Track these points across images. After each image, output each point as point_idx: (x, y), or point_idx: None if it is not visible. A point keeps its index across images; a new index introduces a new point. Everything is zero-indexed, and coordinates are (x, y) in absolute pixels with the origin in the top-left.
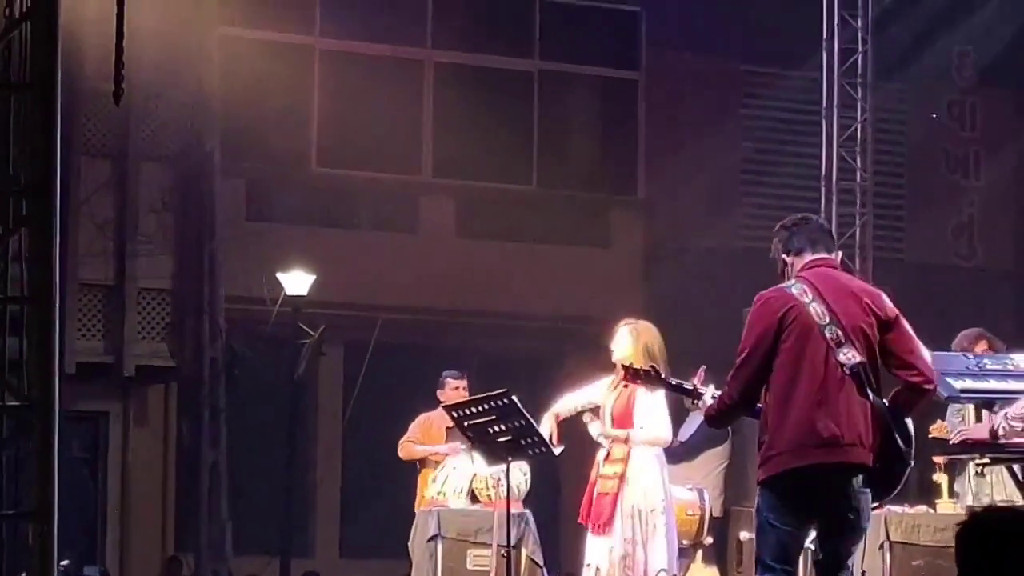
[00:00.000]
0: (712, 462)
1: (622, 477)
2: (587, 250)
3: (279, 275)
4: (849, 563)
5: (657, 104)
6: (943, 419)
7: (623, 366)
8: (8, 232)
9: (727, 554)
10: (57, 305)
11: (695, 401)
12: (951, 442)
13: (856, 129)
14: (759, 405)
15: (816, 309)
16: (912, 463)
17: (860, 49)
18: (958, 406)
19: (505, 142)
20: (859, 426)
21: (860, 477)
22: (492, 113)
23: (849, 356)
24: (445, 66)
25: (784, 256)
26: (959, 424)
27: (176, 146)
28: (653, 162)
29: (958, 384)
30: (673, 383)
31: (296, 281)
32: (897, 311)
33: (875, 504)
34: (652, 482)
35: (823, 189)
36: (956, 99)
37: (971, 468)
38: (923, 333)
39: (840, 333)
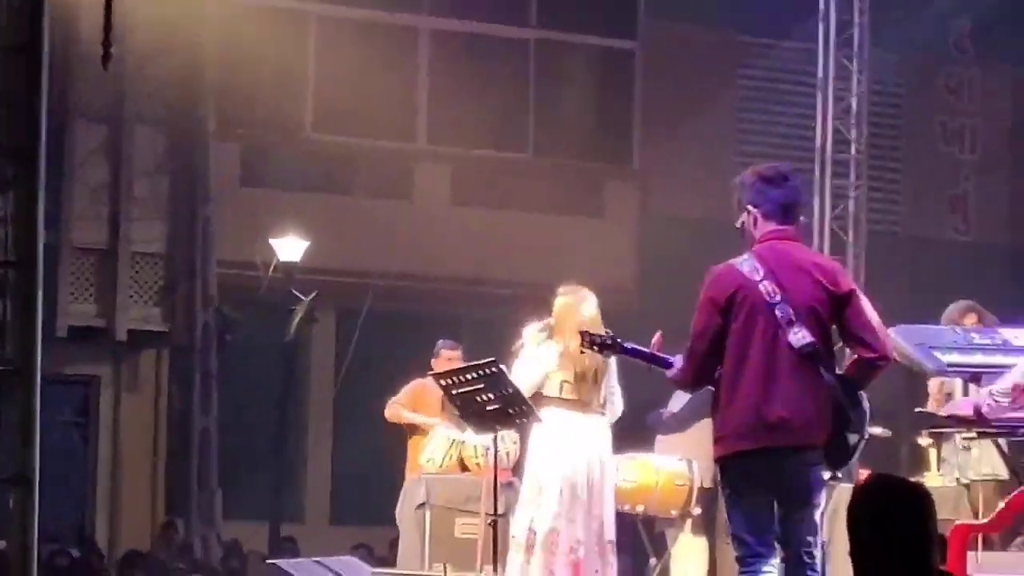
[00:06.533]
0: (702, 433)
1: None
2: (582, 219)
3: (272, 240)
4: (809, 538)
5: (653, 74)
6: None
7: (580, 332)
8: None
9: (716, 525)
10: (41, 269)
11: (650, 367)
12: (941, 414)
13: (851, 101)
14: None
15: (767, 287)
16: (866, 436)
17: (856, 20)
18: (947, 382)
19: (501, 110)
20: (808, 407)
21: (810, 455)
22: (488, 81)
23: (800, 336)
24: (441, 33)
25: (751, 207)
26: (945, 400)
27: (170, 110)
28: (649, 132)
29: (945, 358)
30: (630, 348)
31: (289, 247)
32: (853, 286)
33: (828, 476)
34: None
35: (817, 161)
36: (953, 71)
37: (958, 441)
38: (917, 306)
39: (791, 311)
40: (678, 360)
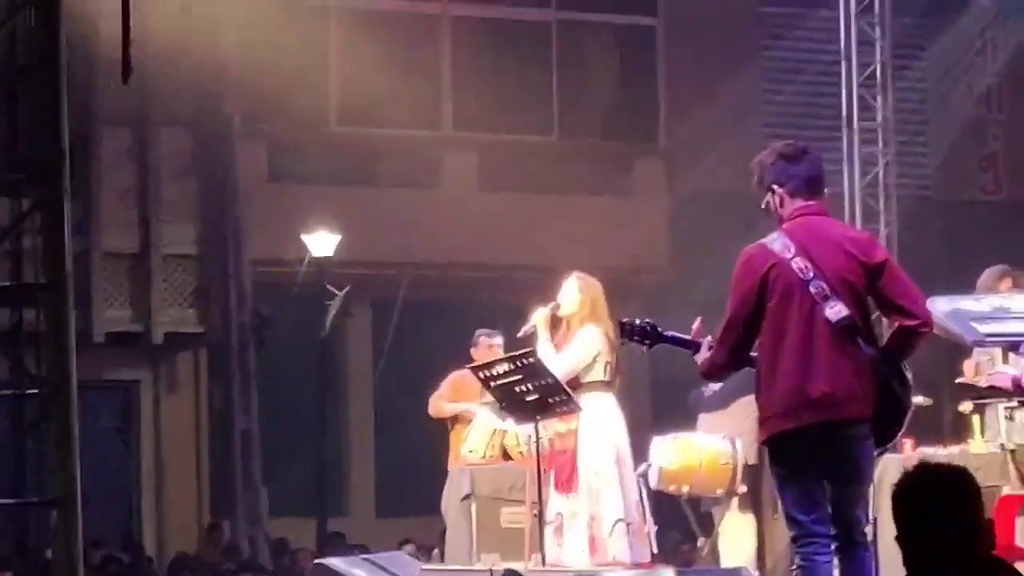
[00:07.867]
0: (746, 409)
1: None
2: (611, 199)
3: (304, 236)
4: (859, 513)
5: (676, 49)
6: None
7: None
8: (21, 217)
9: (762, 501)
10: (71, 291)
11: (693, 354)
12: (981, 384)
13: (875, 69)
14: (753, 355)
15: (799, 264)
16: (911, 407)
17: None
18: (986, 350)
19: (525, 94)
20: (851, 380)
21: (858, 429)
22: (511, 65)
23: (836, 310)
24: (462, 19)
25: (775, 186)
26: (988, 367)
27: (194, 111)
28: (674, 108)
29: (983, 328)
30: (669, 336)
31: (321, 242)
32: (887, 255)
33: (878, 451)
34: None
35: (845, 130)
36: (976, 33)
37: (1000, 410)
38: (953, 270)
39: (825, 287)
40: (705, 345)
